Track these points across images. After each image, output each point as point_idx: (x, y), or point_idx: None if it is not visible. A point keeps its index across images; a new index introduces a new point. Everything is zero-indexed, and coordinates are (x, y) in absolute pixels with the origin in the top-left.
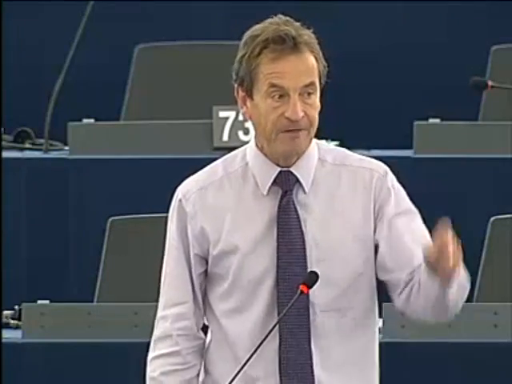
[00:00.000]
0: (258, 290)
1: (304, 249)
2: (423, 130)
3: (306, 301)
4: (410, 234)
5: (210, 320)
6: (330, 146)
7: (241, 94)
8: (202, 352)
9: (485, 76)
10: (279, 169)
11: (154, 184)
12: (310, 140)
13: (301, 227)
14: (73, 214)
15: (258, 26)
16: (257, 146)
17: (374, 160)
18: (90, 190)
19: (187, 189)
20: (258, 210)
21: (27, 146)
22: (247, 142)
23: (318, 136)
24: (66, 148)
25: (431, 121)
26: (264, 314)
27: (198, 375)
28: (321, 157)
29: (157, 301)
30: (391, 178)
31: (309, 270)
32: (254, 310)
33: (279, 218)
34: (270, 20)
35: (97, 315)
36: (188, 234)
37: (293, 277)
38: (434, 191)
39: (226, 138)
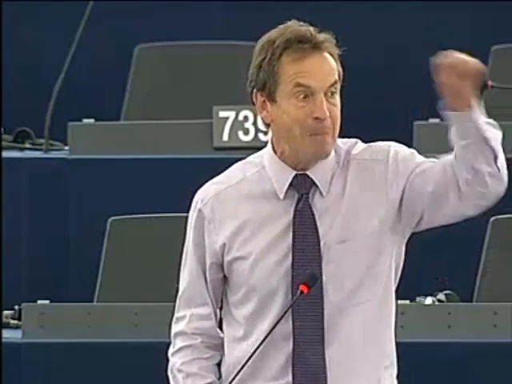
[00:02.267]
0: (273, 293)
1: (319, 252)
2: (423, 130)
3: (320, 302)
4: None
5: (227, 324)
6: (344, 140)
7: (260, 99)
8: (221, 349)
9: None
10: (295, 172)
11: (154, 184)
12: (334, 143)
13: (317, 230)
14: (73, 214)
15: (272, 32)
16: (274, 151)
17: (373, 145)
18: (90, 190)
19: (205, 193)
20: (274, 215)
21: (27, 145)
22: (247, 142)
23: None
24: (66, 148)
25: (431, 120)
26: (280, 316)
27: (217, 365)
28: (337, 159)
29: (157, 301)
30: (393, 149)
31: (324, 272)
32: (270, 314)
33: (295, 221)
34: (283, 25)
35: (97, 315)
36: (205, 240)
37: (306, 278)
38: None
39: (225, 138)
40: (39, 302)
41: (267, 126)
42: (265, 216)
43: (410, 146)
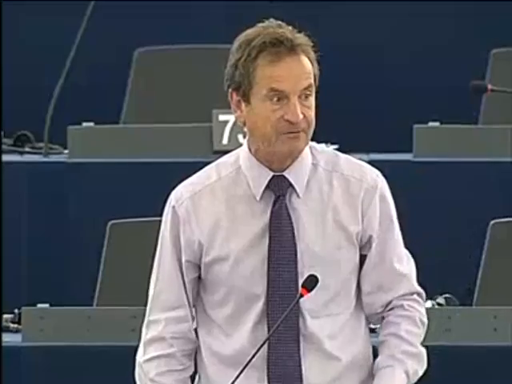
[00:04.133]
0: (250, 295)
1: (295, 255)
2: (423, 134)
3: (296, 307)
4: (389, 260)
5: (202, 325)
6: (323, 147)
7: (235, 98)
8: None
9: (485, 79)
10: (272, 173)
11: (153, 187)
12: (308, 141)
13: (293, 233)
14: (72, 218)
15: (250, 31)
16: (250, 150)
17: (364, 166)
18: (90, 194)
19: (180, 194)
20: (251, 216)
21: (27, 149)
22: None
23: (318, 140)
24: (66, 151)
25: (431, 124)
26: (257, 320)
27: (191, 376)
28: (314, 161)
29: None
30: (381, 189)
31: (300, 276)
32: (247, 316)
33: (271, 223)
34: (261, 24)
35: (96, 319)
36: (181, 239)
37: (281, 283)
38: (434, 195)
39: (225, 141)
40: (39, 305)
41: (243, 124)
42: (241, 216)
43: (409, 149)
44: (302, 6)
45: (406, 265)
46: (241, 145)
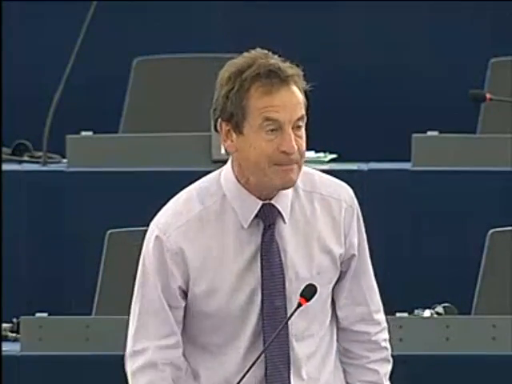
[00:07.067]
0: (243, 323)
1: (283, 282)
2: (421, 143)
3: (286, 330)
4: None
5: (190, 354)
6: None
7: (225, 128)
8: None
9: (483, 89)
10: (261, 202)
11: (152, 197)
12: (300, 173)
13: (281, 260)
14: (71, 227)
15: (237, 61)
16: (237, 178)
17: (337, 182)
18: (89, 203)
19: (167, 225)
20: (239, 244)
21: (25, 158)
22: None
23: (317, 149)
24: (64, 161)
25: (429, 133)
26: (250, 346)
27: None
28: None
29: None
30: (356, 206)
31: (288, 302)
32: (239, 344)
33: (262, 251)
34: (248, 54)
35: (95, 328)
36: (169, 268)
37: (274, 310)
38: (432, 204)
39: (224, 150)
40: (38, 314)
41: (228, 153)
42: (230, 246)
43: (408, 158)
44: (300, 17)
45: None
46: None
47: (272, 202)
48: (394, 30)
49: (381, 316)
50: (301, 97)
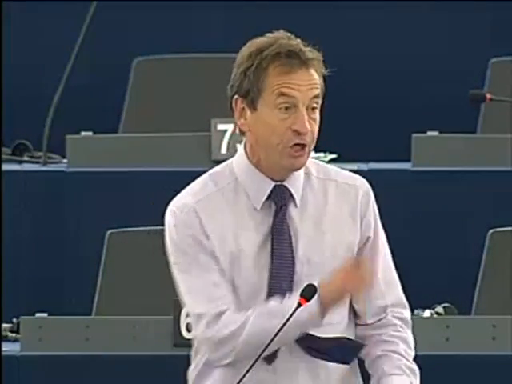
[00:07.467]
0: (252, 303)
1: (293, 265)
2: (421, 143)
3: None
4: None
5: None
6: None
7: (240, 105)
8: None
9: (483, 89)
10: (273, 183)
11: (152, 197)
12: (309, 156)
13: (291, 243)
14: (71, 227)
15: (260, 40)
16: (249, 159)
17: (354, 175)
18: (88, 203)
19: (183, 203)
20: (252, 225)
21: (25, 158)
22: None
23: (317, 149)
24: (64, 161)
25: (429, 133)
26: None
27: None
28: (306, 170)
29: (156, 313)
30: (372, 196)
31: (297, 285)
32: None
33: (273, 232)
34: (272, 34)
35: (95, 328)
36: (197, 237)
37: (280, 292)
38: (433, 204)
39: (224, 150)
40: (37, 315)
41: (242, 133)
42: (245, 226)
43: (408, 158)
44: (301, 18)
45: (395, 271)
46: None
47: (285, 183)
48: (394, 30)
49: (402, 321)
50: (319, 80)
